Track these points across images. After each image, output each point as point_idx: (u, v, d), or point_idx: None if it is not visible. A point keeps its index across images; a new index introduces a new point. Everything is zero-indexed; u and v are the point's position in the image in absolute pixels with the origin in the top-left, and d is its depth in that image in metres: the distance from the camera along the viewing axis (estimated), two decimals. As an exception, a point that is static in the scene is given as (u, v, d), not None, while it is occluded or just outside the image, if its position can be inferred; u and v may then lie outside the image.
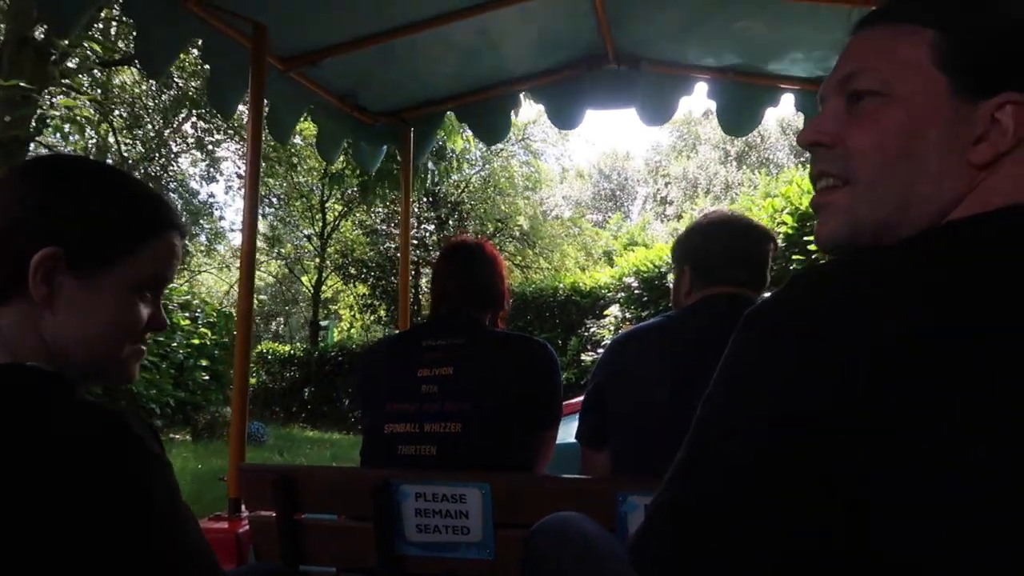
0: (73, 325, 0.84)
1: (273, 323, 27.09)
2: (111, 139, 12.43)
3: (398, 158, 3.55)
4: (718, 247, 1.73)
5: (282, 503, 1.66)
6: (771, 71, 2.89)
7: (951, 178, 0.67)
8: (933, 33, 0.69)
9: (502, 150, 17.73)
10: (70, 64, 9.76)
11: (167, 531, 0.75)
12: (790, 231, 6.39)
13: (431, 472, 1.63)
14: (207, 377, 11.02)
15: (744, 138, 27.73)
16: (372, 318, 18.58)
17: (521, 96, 3.19)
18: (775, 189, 7.58)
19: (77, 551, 0.70)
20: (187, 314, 11.13)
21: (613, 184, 35.01)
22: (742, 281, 1.70)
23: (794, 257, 6.07)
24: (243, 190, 2.43)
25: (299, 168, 16.34)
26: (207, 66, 2.49)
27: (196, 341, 10.92)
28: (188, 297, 11.80)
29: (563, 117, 3.06)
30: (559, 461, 1.96)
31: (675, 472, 0.62)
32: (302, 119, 3.05)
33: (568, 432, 1.97)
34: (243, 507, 2.02)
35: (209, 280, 23.17)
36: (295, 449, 9.53)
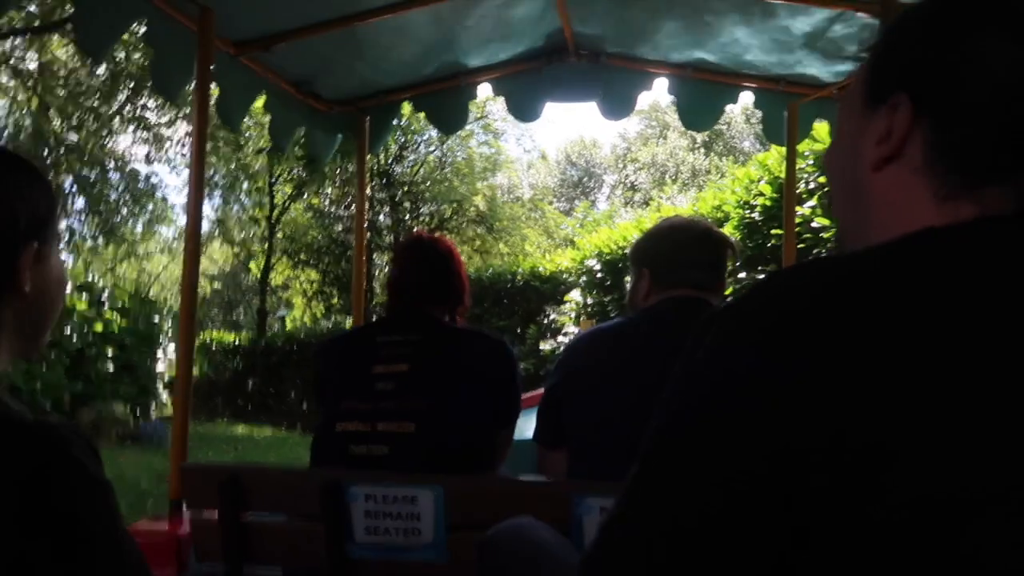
0: (40, 304, 0.86)
1: (234, 313, 26.40)
2: (51, 118, 12.01)
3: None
4: (678, 250, 1.74)
5: (228, 503, 1.61)
6: (730, 68, 2.89)
7: (870, 193, 0.69)
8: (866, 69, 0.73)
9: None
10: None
11: (106, 566, 0.71)
12: (768, 203, 5.66)
13: (383, 473, 1.59)
14: (111, 368, 9.83)
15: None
16: (323, 307, 18.00)
17: (479, 87, 3.15)
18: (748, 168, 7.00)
19: None
20: (85, 296, 9.76)
21: (579, 171, 34.71)
22: (701, 284, 1.70)
23: (774, 232, 5.43)
24: (187, 170, 2.34)
25: (247, 148, 15.73)
26: (151, 47, 2.38)
27: (98, 328, 9.72)
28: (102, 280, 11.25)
29: (523, 109, 3.04)
30: (515, 456, 1.94)
31: (628, 487, 0.60)
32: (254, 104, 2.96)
33: (525, 428, 1.95)
34: (184, 508, 1.95)
35: (158, 265, 22.42)
36: (200, 452, 7.75)
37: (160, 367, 11.64)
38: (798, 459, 0.52)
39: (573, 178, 34.62)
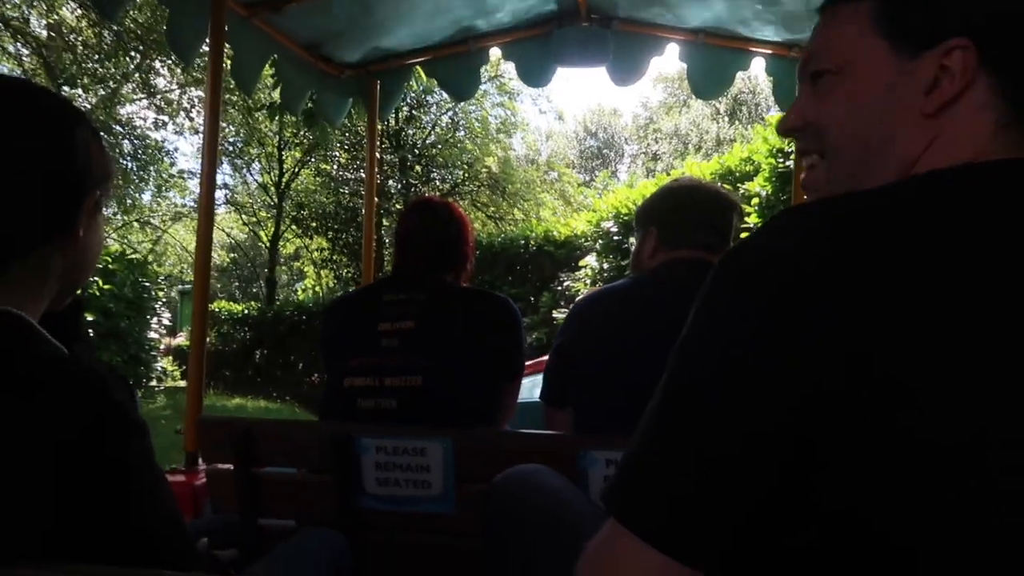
0: (85, 256, 0.88)
1: (243, 283, 26.25)
2: (59, 84, 11.93)
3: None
4: (686, 210, 1.73)
5: (241, 456, 1.64)
6: (742, 34, 2.87)
7: (908, 134, 0.69)
8: (869, 4, 0.73)
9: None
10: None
11: (143, 502, 0.74)
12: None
13: (393, 426, 1.62)
14: (91, 333, 9.26)
15: (734, 94, 27.44)
16: (333, 275, 17.48)
17: (491, 52, 3.14)
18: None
19: (51, 518, 0.69)
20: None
21: (599, 142, 34.09)
22: (708, 246, 1.70)
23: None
24: (196, 135, 2.36)
25: (257, 114, 15.25)
26: (166, 8, 2.39)
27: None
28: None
29: (532, 74, 3.03)
30: (523, 419, 1.97)
31: (647, 421, 0.62)
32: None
33: (531, 392, 1.98)
34: (200, 460, 2.00)
35: (175, 235, 22.30)
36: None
37: (153, 335, 10.98)
38: (820, 398, 0.54)
39: (593, 149, 33.88)
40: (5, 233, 0.79)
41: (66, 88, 12.45)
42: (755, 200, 5.58)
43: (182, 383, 11.74)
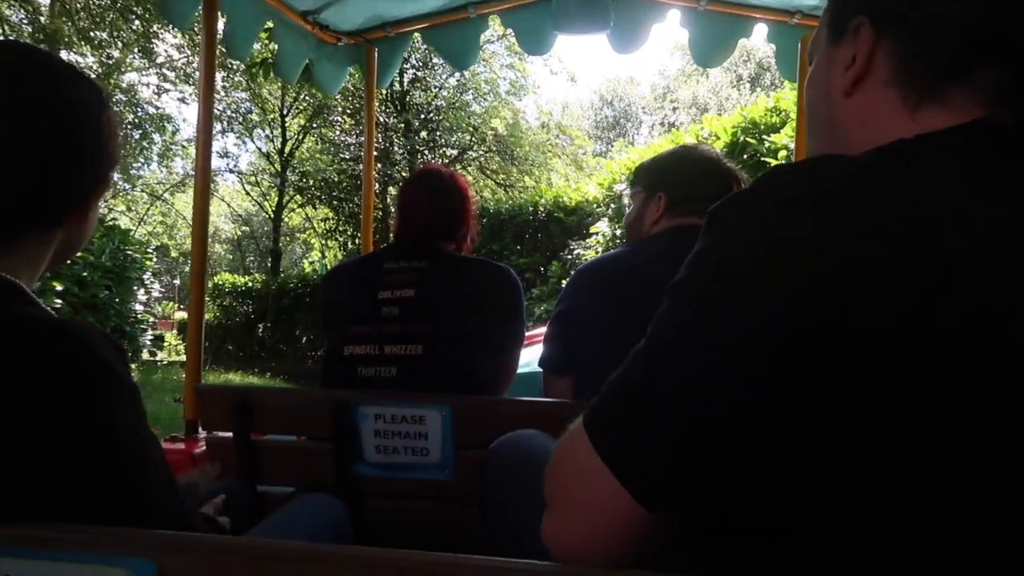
0: (84, 233, 0.90)
1: (268, 258, 25.85)
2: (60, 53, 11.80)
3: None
4: (695, 178, 1.71)
5: (240, 424, 1.65)
6: (743, 0, 2.83)
7: (839, 118, 0.74)
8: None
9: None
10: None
11: (132, 462, 0.73)
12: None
13: (391, 393, 1.62)
14: (59, 303, 8.62)
15: (757, 60, 26.94)
16: (339, 245, 17.11)
17: (490, 20, 3.10)
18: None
19: (36, 477, 0.68)
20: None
21: (616, 111, 33.57)
22: None
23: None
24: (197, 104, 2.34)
25: (258, 79, 15.32)
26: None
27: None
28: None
29: (531, 42, 2.99)
30: (522, 389, 1.96)
31: (633, 354, 0.63)
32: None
33: (531, 362, 1.98)
34: (199, 429, 2.01)
35: (183, 208, 22.05)
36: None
37: (138, 306, 10.51)
38: (802, 348, 0.55)
39: (609, 119, 33.45)
40: (23, 211, 0.80)
41: (64, 54, 12.30)
42: (782, 154, 5.28)
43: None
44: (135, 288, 10.19)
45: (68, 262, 9.14)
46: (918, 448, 0.53)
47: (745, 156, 5.69)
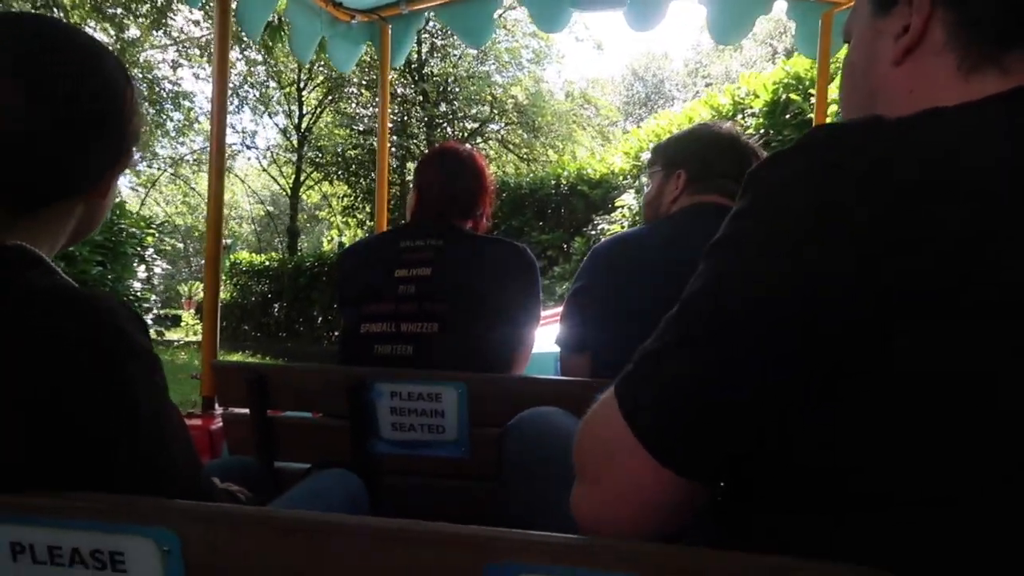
0: (102, 209, 0.91)
1: (266, 233, 25.40)
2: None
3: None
4: (715, 155, 1.70)
5: (256, 401, 1.65)
6: (764, -25, 2.79)
7: (886, 89, 0.73)
8: None
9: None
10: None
11: (152, 430, 0.73)
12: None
13: (407, 371, 1.62)
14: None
15: (792, 33, 26.45)
16: (356, 223, 16.85)
17: (504, -4, 3.07)
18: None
19: (54, 445, 0.68)
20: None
21: (648, 87, 32.91)
22: (732, 193, 1.67)
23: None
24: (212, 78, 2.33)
25: (275, 51, 14.62)
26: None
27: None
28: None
29: (547, 18, 2.95)
30: (538, 369, 1.96)
31: (665, 322, 0.62)
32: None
33: (547, 342, 1.97)
34: (216, 405, 2.02)
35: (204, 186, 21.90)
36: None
37: (137, 284, 9.85)
38: (840, 316, 0.54)
39: (640, 95, 32.89)
40: (46, 184, 0.81)
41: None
42: (832, 109, 4.82)
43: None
44: (135, 265, 9.66)
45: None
46: (961, 432, 0.52)
47: (788, 116, 5.43)
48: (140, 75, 15.14)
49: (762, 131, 5.57)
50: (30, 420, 0.67)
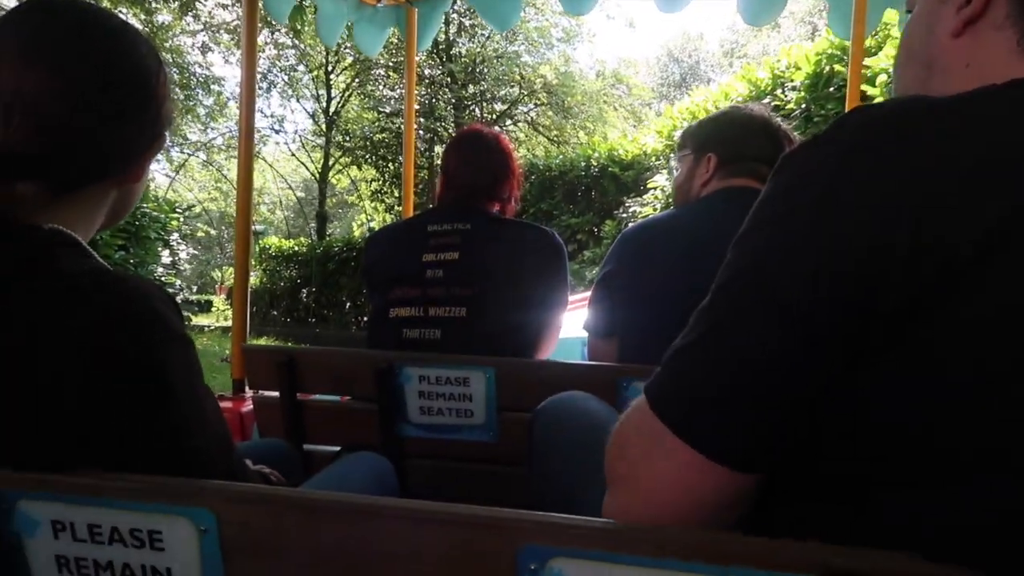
0: (135, 193, 0.92)
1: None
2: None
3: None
4: (746, 138, 1.67)
5: (286, 384, 1.67)
6: (796, -46, 2.73)
7: (943, 60, 0.71)
8: None
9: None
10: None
11: (188, 412, 0.74)
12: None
13: (435, 355, 1.63)
14: None
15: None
16: (384, 207, 16.76)
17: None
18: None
19: (91, 426, 0.69)
20: None
21: (684, 68, 32.21)
22: (764, 176, 1.64)
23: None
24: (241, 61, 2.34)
25: (304, 33, 14.50)
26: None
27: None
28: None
29: (574, 0, 2.93)
30: (566, 354, 1.96)
31: (697, 313, 0.61)
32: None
33: (574, 327, 1.96)
34: (246, 388, 2.04)
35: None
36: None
37: (160, 269, 9.65)
38: (873, 297, 0.53)
39: (676, 76, 32.17)
40: (83, 166, 0.82)
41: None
42: (881, 79, 4.66)
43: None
44: (159, 249, 9.48)
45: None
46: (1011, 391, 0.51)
47: (832, 88, 5.24)
48: (171, 60, 15.25)
49: (803, 105, 5.38)
50: (67, 402, 0.68)
